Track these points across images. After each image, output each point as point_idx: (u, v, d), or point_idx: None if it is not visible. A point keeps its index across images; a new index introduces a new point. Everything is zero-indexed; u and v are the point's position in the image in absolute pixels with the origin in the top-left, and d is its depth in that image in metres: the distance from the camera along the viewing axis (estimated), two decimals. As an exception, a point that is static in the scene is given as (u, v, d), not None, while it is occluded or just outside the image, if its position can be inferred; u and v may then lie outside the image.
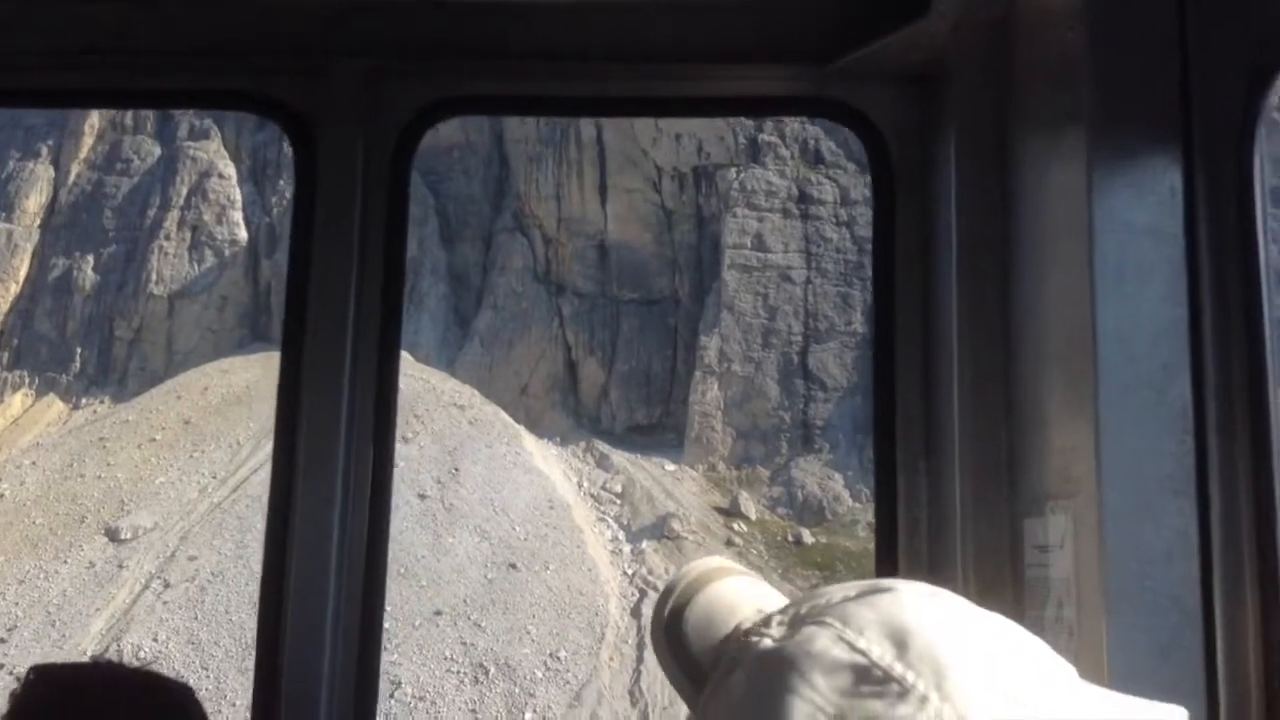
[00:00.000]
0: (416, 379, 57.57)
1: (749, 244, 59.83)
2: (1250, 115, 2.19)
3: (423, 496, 49.10)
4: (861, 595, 1.28)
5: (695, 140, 61.79)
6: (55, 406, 62.90)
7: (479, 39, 3.00)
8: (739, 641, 1.36)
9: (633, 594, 46.17)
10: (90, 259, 67.13)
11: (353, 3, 2.92)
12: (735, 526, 51.49)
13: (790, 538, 51.53)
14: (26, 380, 64.74)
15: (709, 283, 60.66)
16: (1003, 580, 2.44)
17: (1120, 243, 2.13)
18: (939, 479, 2.72)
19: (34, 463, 54.46)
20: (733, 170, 61.35)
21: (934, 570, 2.68)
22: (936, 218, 2.81)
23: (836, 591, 1.34)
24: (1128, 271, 2.13)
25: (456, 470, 50.43)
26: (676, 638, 1.51)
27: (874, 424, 2.93)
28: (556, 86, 3.13)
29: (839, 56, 2.90)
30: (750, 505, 52.87)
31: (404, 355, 54.09)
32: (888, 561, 2.80)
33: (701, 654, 1.44)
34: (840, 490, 53.27)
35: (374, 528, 2.81)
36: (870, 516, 51.81)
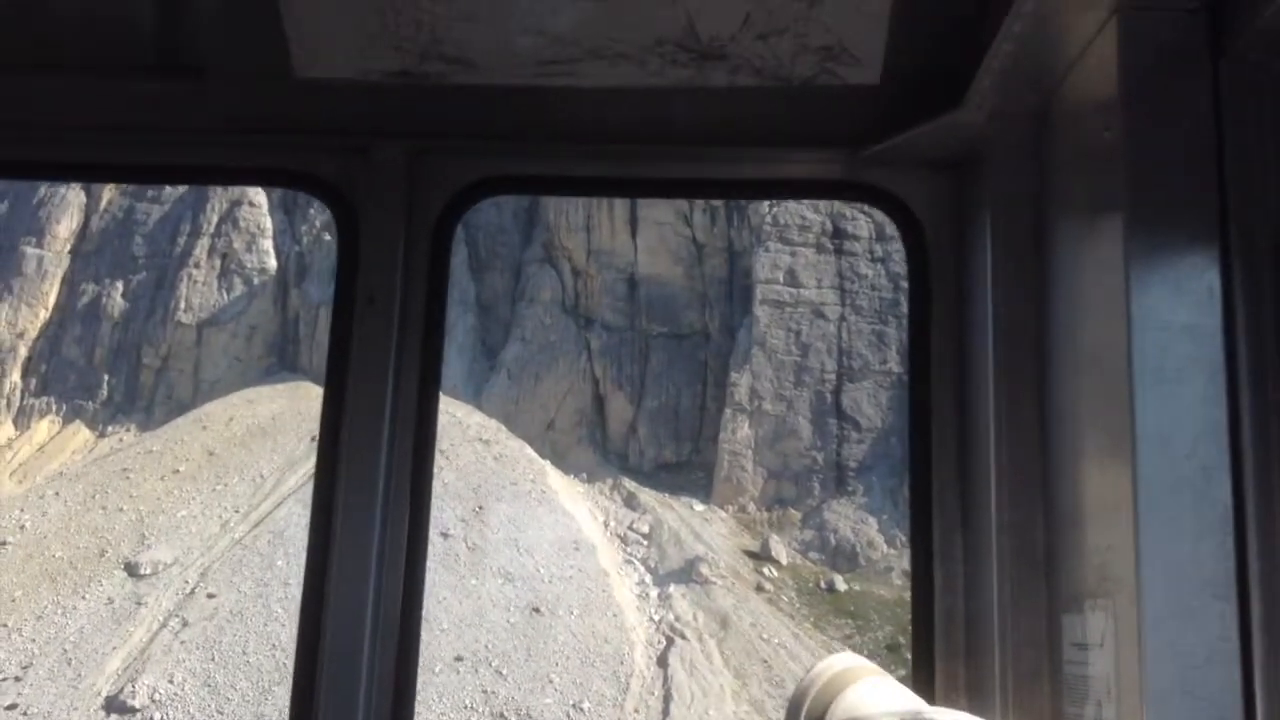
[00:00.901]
0: (443, 413, 56.03)
1: (781, 279, 58.79)
2: None
3: (445, 535, 48.13)
4: None
5: (728, 173, 60.80)
6: (81, 433, 62.64)
7: (518, 121, 3.04)
8: None
9: (659, 641, 44.89)
10: (120, 285, 67.06)
11: (395, 85, 2.92)
12: (765, 571, 50.14)
13: (823, 584, 50.12)
14: (53, 407, 64.56)
15: (740, 318, 59.63)
16: (1041, 674, 2.45)
17: (1159, 341, 2.12)
18: (977, 569, 2.69)
19: (57, 493, 53.99)
20: (765, 204, 60.33)
21: (971, 661, 2.68)
22: (973, 305, 2.82)
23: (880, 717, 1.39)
24: (1167, 371, 2.11)
25: (480, 508, 49.45)
26: None
27: (910, 511, 2.91)
28: (592, 167, 3.18)
29: (874, 142, 2.94)
30: (781, 549, 51.52)
31: (430, 389, 53.98)
32: (924, 649, 2.78)
33: None
34: (874, 535, 51.85)
35: (410, 582, 2.85)
36: (905, 563, 50.34)
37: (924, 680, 2.77)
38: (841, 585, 49.94)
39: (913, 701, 1.68)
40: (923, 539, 2.84)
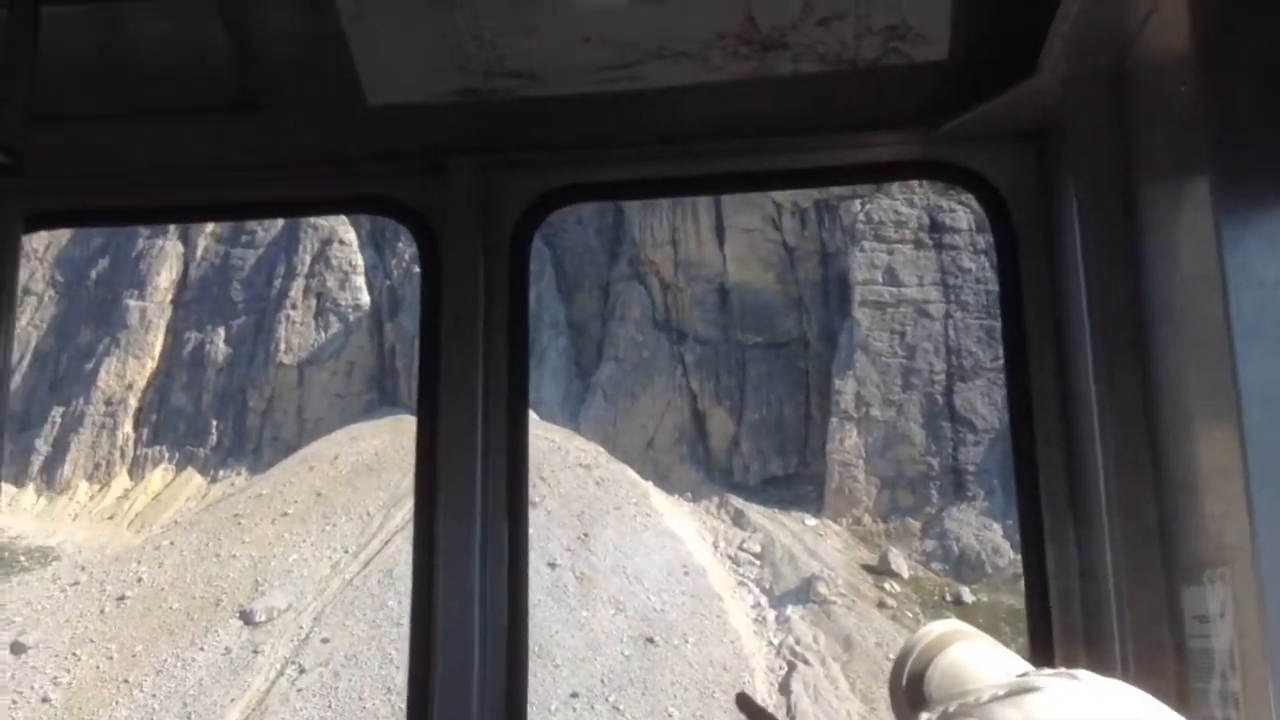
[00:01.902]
0: (541, 438, 56.08)
1: (880, 279, 56.84)
2: None
3: (553, 565, 47.30)
4: (1010, 695, 1.35)
5: (817, 174, 59.02)
6: (194, 480, 63.69)
7: (585, 129, 3.10)
8: None
9: (780, 667, 43.28)
10: (221, 331, 68.21)
11: (463, 103, 2.97)
12: (887, 586, 48.17)
13: (948, 596, 47.95)
14: (166, 455, 65.82)
15: (839, 322, 57.81)
16: (1163, 652, 2.39)
17: (1256, 298, 2.06)
18: (1090, 549, 2.63)
19: (172, 543, 54.73)
20: (857, 202, 58.54)
21: (1090, 644, 2.62)
22: (1065, 277, 2.75)
23: (986, 690, 1.44)
24: (1266, 328, 2.06)
25: (586, 535, 48.50)
26: (919, 702, 1.63)
27: (1017, 494, 2.86)
28: (663, 168, 3.19)
29: (949, 119, 2.95)
30: (902, 562, 49.49)
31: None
32: (1042, 637, 2.72)
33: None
34: (999, 541, 49.49)
35: (514, 595, 2.88)
36: (1032, 567, 47.96)
37: (1043, 665, 2.40)
38: (969, 597, 47.70)
39: (1016, 663, 1.67)
40: (1032, 522, 2.78)
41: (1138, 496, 2.46)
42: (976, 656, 1.69)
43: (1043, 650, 2.73)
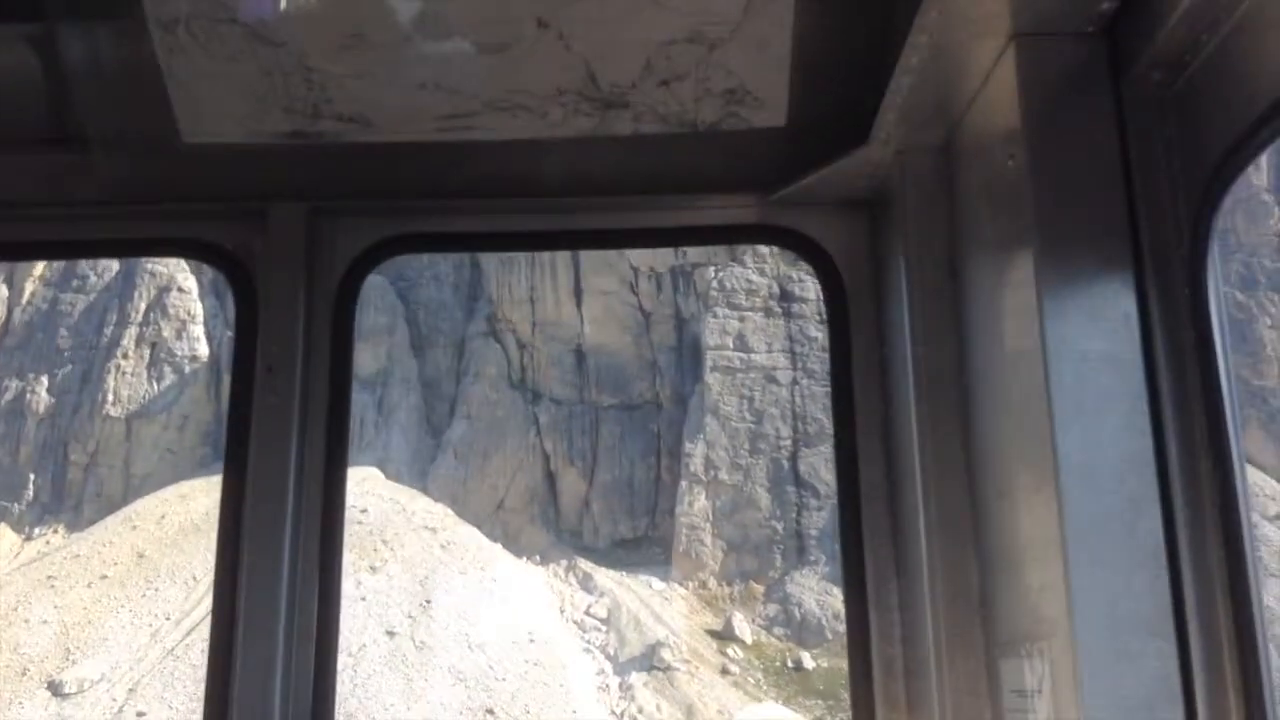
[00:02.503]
0: (385, 499, 54.48)
1: (731, 344, 57.62)
2: (1200, 237, 2.11)
3: (391, 634, 45.63)
4: None
5: (671, 239, 59.75)
6: (7, 538, 59.56)
7: (420, 179, 2.97)
8: None
9: (622, 736, 42.59)
10: (45, 380, 64.45)
11: (288, 146, 2.85)
12: (730, 652, 48.09)
13: (790, 662, 48.14)
14: None
15: (691, 385, 58.28)
16: None
17: (1077, 371, 2.09)
18: (913, 615, 2.63)
19: None
20: (711, 269, 59.46)
21: (912, 712, 2.63)
22: (893, 344, 2.79)
23: None
24: (1086, 402, 2.08)
25: (428, 602, 47.00)
26: None
27: (842, 559, 2.84)
28: (500, 222, 3.11)
29: (785, 184, 2.94)
30: (745, 627, 49.57)
31: (373, 472, 51.34)
32: (865, 703, 2.71)
33: None
34: (839, 606, 50.02)
35: (320, 673, 2.73)
36: (873, 633, 48.67)
37: None
38: (809, 662, 47.99)
39: None
40: (856, 588, 2.78)
41: (960, 566, 2.45)
42: None
43: (865, 717, 2.69)
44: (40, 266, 67.43)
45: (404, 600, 47.41)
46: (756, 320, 58.11)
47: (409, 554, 50.12)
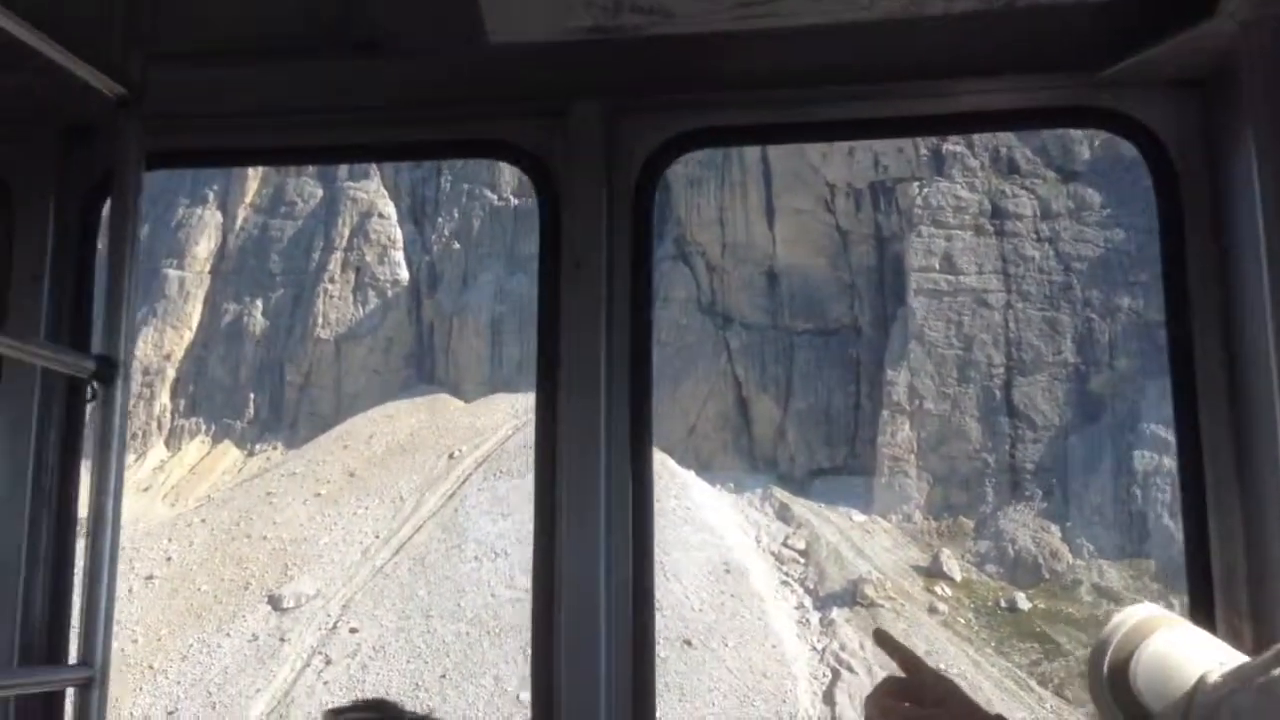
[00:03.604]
0: (580, 425, 54.44)
1: (937, 265, 54.48)
2: None
3: (590, 561, 45.63)
4: None
5: (870, 154, 56.63)
6: (230, 453, 62.97)
7: (717, 69, 2.93)
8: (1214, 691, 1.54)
9: (824, 674, 41.41)
10: (259, 304, 67.29)
11: (589, 42, 2.85)
12: (938, 590, 46.05)
13: (1003, 603, 45.70)
14: (203, 427, 65.14)
15: (893, 310, 55.56)
16: None
17: None
18: (1258, 520, 2.55)
19: (203, 520, 53.80)
20: (915, 184, 56.10)
21: (1256, 620, 2.56)
22: (1237, 230, 2.66)
23: (1258, 664, 1.50)
24: None
25: (625, 529, 46.69)
26: (1123, 692, 1.68)
27: (1179, 462, 2.78)
28: (803, 112, 3.06)
29: (1111, 63, 2.79)
30: (954, 564, 47.34)
31: (567, 400, 51.72)
32: (1204, 610, 2.62)
33: (1160, 706, 1.60)
34: (1058, 545, 47.16)
35: (639, 552, 2.76)
36: (1095, 577, 45.60)
37: None
38: (1024, 604, 45.42)
39: (1225, 651, 1.73)
40: (1195, 491, 2.68)
41: None
42: (1182, 644, 1.71)
43: (1205, 623, 2.39)
44: (250, 194, 70.04)
45: (601, 527, 47.39)
46: (965, 239, 54.65)
47: (605, 480, 49.98)
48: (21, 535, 2.90)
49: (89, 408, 2.61)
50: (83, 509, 2.86)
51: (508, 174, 65.34)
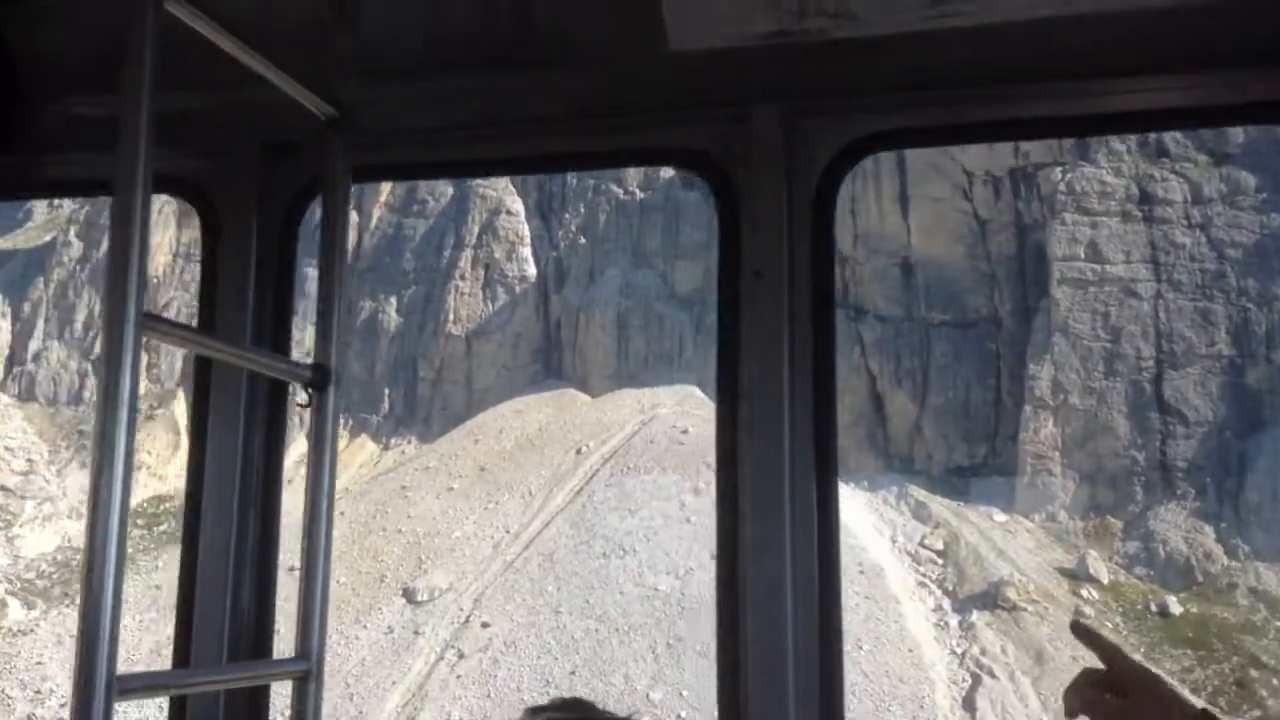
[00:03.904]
0: (705, 419, 53.88)
1: (1082, 254, 52.25)
2: None
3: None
4: None
5: (1012, 139, 54.47)
6: (368, 447, 64.43)
7: (899, 70, 2.91)
8: None
9: (964, 679, 40.01)
10: (393, 301, 68.69)
11: (770, 48, 2.86)
12: (1084, 593, 44.07)
13: (1153, 606, 43.43)
14: (342, 421, 66.70)
15: (1035, 300, 53.46)
16: None
17: None
18: None
19: (341, 513, 55.13)
20: (1057, 170, 53.82)
21: None
22: None
23: None
24: None
25: (755, 527, 45.95)
26: None
27: None
28: (986, 112, 2.98)
29: (1273, 59, 2.65)
30: (1101, 566, 45.23)
31: (692, 391, 50.72)
32: None
33: None
34: (1212, 546, 44.63)
35: (824, 562, 2.77)
36: (1251, 579, 42.97)
37: None
38: (1176, 607, 43.09)
39: None
40: None
41: None
42: None
43: None
44: (385, 193, 71.55)
45: (730, 524, 46.74)
46: (1111, 226, 52.19)
47: (734, 477, 49.32)
48: (230, 535, 3.01)
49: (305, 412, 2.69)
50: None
51: (632, 168, 65.30)
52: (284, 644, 2.58)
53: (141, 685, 2.26)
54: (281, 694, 2.60)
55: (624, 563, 45.89)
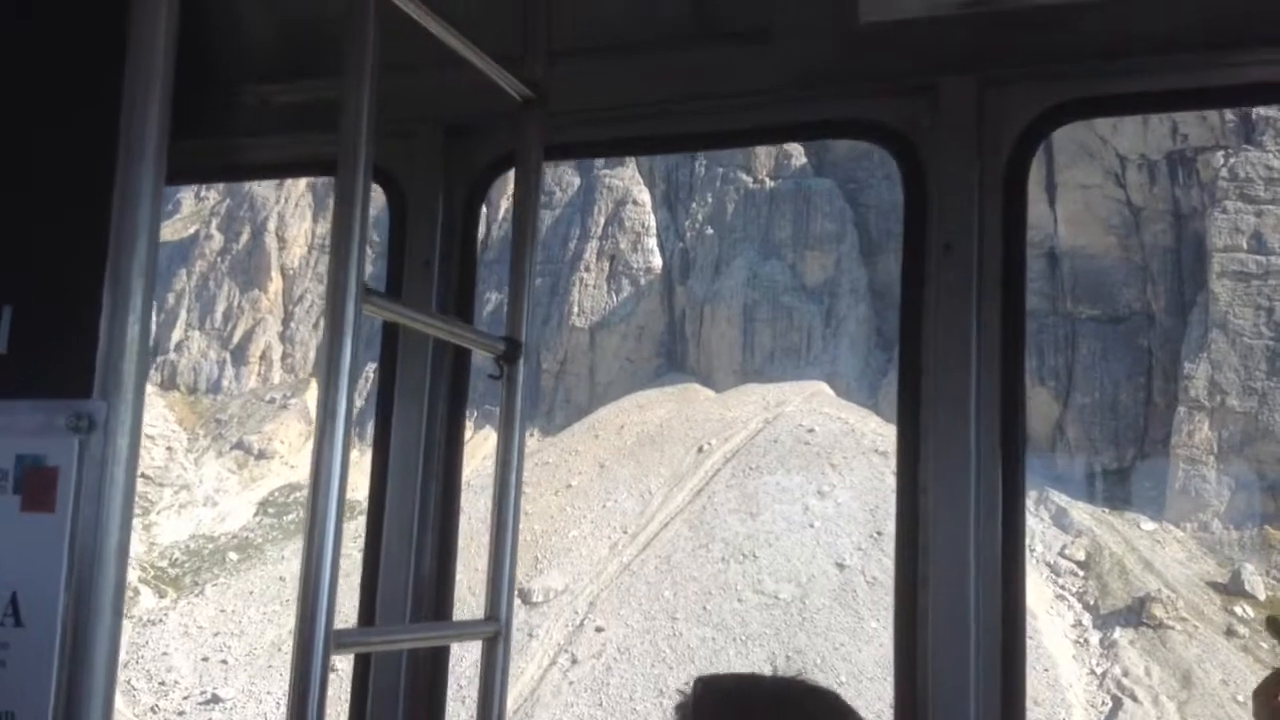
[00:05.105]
0: (833, 418, 52.03)
1: (1245, 244, 48.88)
2: None
3: (841, 566, 43.31)
4: None
5: (1168, 121, 50.80)
6: (491, 439, 64.26)
7: (1091, 39, 2.86)
8: None
9: (1103, 702, 37.43)
10: (519, 292, 68.86)
11: (961, 18, 2.84)
12: (1238, 610, 40.84)
13: (1320, 631, 39.81)
14: (468, 413, 67.32)
15: (1192, 294, 50.08)
16: None
17: None
18: None
19: (461, 508, 55.29)
20: (1219, 154, 50.16)
21: None
22: None
23: None
24: None
25: (879, 534, 44.04)
26: None
27: None
28: (1186, 79, 2.87)
29: None
30: (1257, 580, 41.98)
31: (821, 388, 48.80)
32: None
33: None
34: (1391, 566, 40.66)
35: (1008, 539, 2.71)
36: None
37: None
38: (1347, 633, 39.38)
39: None
40: None
41: None
42: None
43: None
44: (513, 184, 71.67)
45: (853, 530, 44.85)
46: (1278, 214, 48.25)
47: (858, 479, 47.38)
48: (414, 501, 3.08)
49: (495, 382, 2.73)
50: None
51: (762, 156, 63.69)
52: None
53: (355, 640, 2.44)
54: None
55: (744, 569, 44.53)
